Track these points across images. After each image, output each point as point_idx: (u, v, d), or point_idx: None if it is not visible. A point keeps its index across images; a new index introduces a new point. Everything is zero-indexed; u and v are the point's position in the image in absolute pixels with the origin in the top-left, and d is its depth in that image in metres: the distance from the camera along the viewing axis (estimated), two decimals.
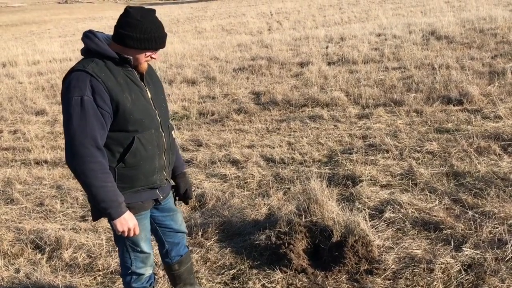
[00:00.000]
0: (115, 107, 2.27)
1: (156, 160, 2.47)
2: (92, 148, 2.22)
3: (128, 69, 2.37)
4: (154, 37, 2.30)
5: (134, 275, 2.66)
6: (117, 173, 2.37)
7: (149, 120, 2.40)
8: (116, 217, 2.31)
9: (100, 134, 2.25)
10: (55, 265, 3.82)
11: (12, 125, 8.48)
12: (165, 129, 2.52)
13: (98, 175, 2.23)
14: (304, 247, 3.56)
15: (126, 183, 2.40)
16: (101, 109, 2.24)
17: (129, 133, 2.34)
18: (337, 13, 21.74)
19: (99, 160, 2.24)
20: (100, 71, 2.25)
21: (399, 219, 3.82)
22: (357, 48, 10.40)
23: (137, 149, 2.37)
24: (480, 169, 4.41)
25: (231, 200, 4.56)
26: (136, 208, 2.47)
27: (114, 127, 2.32)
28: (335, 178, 4.72)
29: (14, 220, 4.69)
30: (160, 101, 2.53)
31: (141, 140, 2.37)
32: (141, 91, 2.40)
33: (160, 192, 2.58)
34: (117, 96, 2.26)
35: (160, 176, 2.53)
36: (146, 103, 2.40)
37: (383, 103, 6.84)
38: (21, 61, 15.88)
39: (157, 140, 2.45)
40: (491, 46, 8.97)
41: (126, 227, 2.35)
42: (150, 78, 2.53)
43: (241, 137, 6.40)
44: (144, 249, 2.60)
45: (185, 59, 12.16)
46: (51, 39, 24.97)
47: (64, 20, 40.55)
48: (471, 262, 3.19)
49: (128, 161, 2.36)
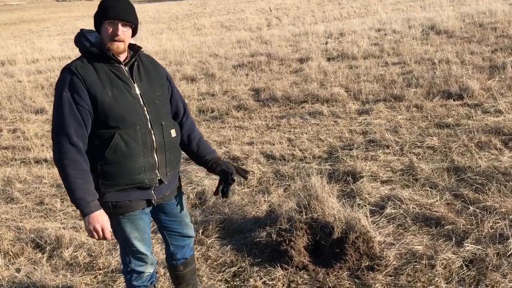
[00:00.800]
0: (93, 102, 2.27)
1: (141, 158, 2.37)
2: (65, 144, 2.25)
3: (114, 65, 2.36)
4: (106, 5, 2.29)
5: (134, 273, 2.65)
6: (100, 169, 2.34)
7: (133, 116, 2.34)
8: (84, 215, 2.29)
9: (76, 130, 2.25)
10: (56, 264, 3.81)
11: (12, 124, 8.47)
12: (156, 126, 2.42)
13: (69, 171, 2.24)
14: (305, 244, 3.55)
15: (109, 180, 2.36)
16: (78, 105, 2.25)
17: (111, 129, 2.31)
18: (336, 9, 21.68)
19: (71, 156, 2.25)
20: (82, 67, 2.29)
21: (400, 215, 3.81)
22: (356, 44, 10.37)
23: (118, 145, 2.31)
24: (481, 164, 4.39)
25: (231, 197, 4.54)
26: (123, 207, 2.42)
27: (96, 123, 2.31)
28: (336, 174, 4.71)
29: (14, 219, 4.68)
30: (154, 98, 2.44)
31: (122, 136, 2.32)
32: (127, 87, 2.36)
33: (155, 193, 2.50)
34: (95, 92, 2.26)
35: (150, 175, 2.43)
36: (131, 99, 2.35)
37: (383, 98, 6.82)
38: (20, 59, 15.85)
39: (143, 137, 2.37)
40: (491, 40, 8.94)
41: (91, 227, 2.30)
42: (146, 74, 2.47)
43: (241, 134, 6.38)
44: (139, 249, 2.56)
45: (184, 56, 12.13)
46: (50, 37, 24.93)
47: (62, 18, 40.48)
48: (472, 257, 3.18)
49: (108, 158, 2.32)
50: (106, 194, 2.38)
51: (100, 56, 2.33)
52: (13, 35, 28.67)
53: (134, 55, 2.42)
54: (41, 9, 52.43)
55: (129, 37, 2.38)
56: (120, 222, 2.47)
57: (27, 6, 58.92)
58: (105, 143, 2.31)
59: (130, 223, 2.48)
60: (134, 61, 2.43)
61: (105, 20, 2.30)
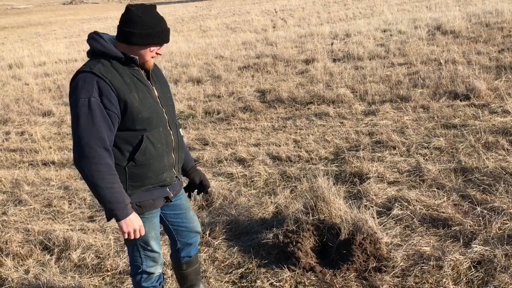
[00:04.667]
0: (123, 107, 2.29)
1: (165, 158, 2.49)
2: (99, 150, 2.23)
3: (134, 69, 2.38)
4: (156, 31, 2.31)
5: (145, 274, 2.67)
6: (128, 172, 2.38)
7: (157, 118, 2.42)
8: (122, 218, 2.31)
9: (108, 135, 2.26)
10: (64, 266, 3.84)
11: (19, 126, 8.53)
12: (172, 127, 2.54)
13: (105, 176, 2.24)
14: (312, 245, 3.55)
15: (137, 181, 2.42)
16: (108, 110, 2.25)
17: (138, 131, 2.36)
18: (341, 10, 21.65)
19: (106, 161, 2.25)
20: (107, 71, 2.27)
21: (407, 216, 3.80)
22: (362, 44, 10.36)
23: (147, 148, 2.38)
24: (488, 165, 4.37)
25: (238, 199, 4.55)
26: (147, 207, 2.49)
27: (122, 126, 2.33)
28: (342, 175, 4.71)
29: (22, 221, 4.71)
30: (167, 99, 2.54)
31: (150, 138, 2.39)
32: (148, 90, 2.42)
33: (170, 190, 2.60)
34: (125, 96, 2.28)
35: (170, 173, 2.55)
36: (153, 102, 2.42)
37: (389, 99, 6.80)
38: (27, 62, 15.95)
39: (165, 138, 2.47)
40: (498, 40, 8.89)
41: (131, 228, 2.35)
42: (156, 77, 2.55)
43: (247, 135, 6.39)
44: (154, 248, 2.61)
45: (190, 58, 12.17)
46: (57, 40, 25.07)
47: (69, 21, 40.70)
48: (480, 258, 3.17)
49: (138, 160, 2.38)
50: (132, 196, 2.42)
51: (124, 60, 2.34)
52: (21, 38, 28.85)
53: None
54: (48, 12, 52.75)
55: None
56: None
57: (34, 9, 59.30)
58: (134, 146, 2.37)
59: (149, 222, 2.54)
60: None
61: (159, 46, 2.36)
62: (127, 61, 2.34)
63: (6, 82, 12.75)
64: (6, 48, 21.97)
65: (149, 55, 2.36)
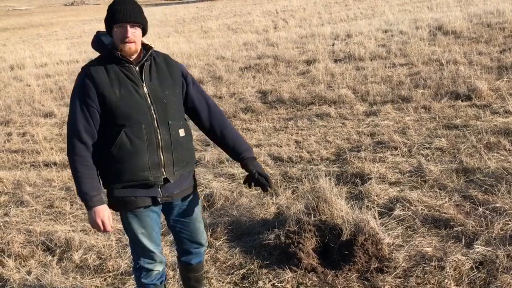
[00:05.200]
0: (101, 101, 2.37)
1: (145, 156, 2.41)
2: (75, 141, 2.39)
3: (125, 65, 2.43)
4: (115, 9, 2.36)
5: (143, 271, 2.68)
6: (104, 165, 2.45)
7: (140, 115, 2.40)
8: (88, 209, 2.43)
9: (85, 128, 2.37)
10: (66, 267, 3.84)
11: (21, 127, 8.54)
12: (163, 125, 2.45)
13: (77, 166, 2.39)
14: (314, 246, 3.55)
15: (115, 176, 2.45)
16: (88, 106, 2.37)
17: (118, 127, 2.40)
18: (343, 10, 21.65)
19: (80, 152, 2.39)
20: (95, 69, 2.40)
21: (409, 217, 3.80)
22: (363, 45, 10.36)
23: (122, 143, 2.39)
24: (490, 165, 4.37)
25: (239, 199, 4.55)
26: (129, 203, 2.49)
27: (104, 120, 2.41)
28: (344, 176, 4.70)
29: (24, 222, 4.72)
30: (162, 97, 2.46)
31: (127, 134, 2.39)
32: (135, 86, 2.42)
33: (162, 191, 2.52)
34: (103, 90, 2.36)
35: (155, 173, 2.45)
36: (139, 98, 2.41)
37: (390, 99, 6.80)
38: (28, 63, 15.97)
39: (148, 135, 2.41)
40: (499, 40, 8.89)
41: (93, 220, 2.42)
42: (158, 73, 2.49)
43: (249, 136, 6.39)
44: (147, 246, 2.60)
45: (192, 59, 12.18)
46: (58, 41, 25.11)
47: (70, 22, 40.76)
48: (482, 259, 3.16)
49: (113, 154, 2.40)
50: (114, 190, 2.48)
51: (111, 57, 2.41)
52: (22, 39, 28.90)
53: (146, 55, 2.47)
54: (50, 13, 52.82)
55: (140, 37, 2.44)
56: (127, 218, 2.55)
57: (35, 10, 59.38)
58: (110, 140, 2.40)
59: (138, 220, 2.55)
60: (145, 61, 2.47)
61: (114, 24, 2.37)
62: (115, 58, 2.41)
63: (8, 83, 12.77)
64: (7, 49, 22.01)
65: (118, 39, 2.39)
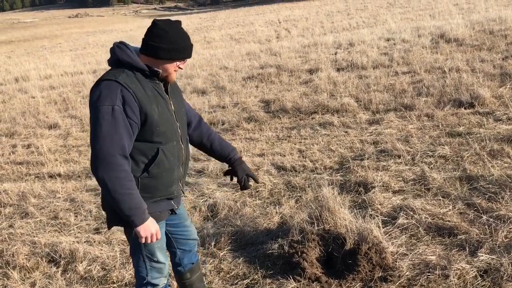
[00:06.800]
0: (144, 118, 2.34)
1: (175, 172, 2.54)
2: (119, 157, 2.28)
3: (155, 82, 2.44)
4: (182, 47, 2.37)
5: (149, 286, 2.68)
6: (140, 182, 2.43)
7: (172, 132, 2.48)
8: (139, 224, 2.35)
9: (128, 143, 2.32)
10: (70, 278, 3.84)
11: (26, 139, 8.59)
12: (184, 141, 2.60)
13: (124, 182, 2.28)
14: (317, 256, 3.54)
15: (148, 193, 2.46)
16: (130, 119, 2.30)
17: (154, 144, 2.42)
18: (345, 19, 21.75)
19: (125, 168, 2.30)
20: (131, 82, 2.33)
21: (413, 225, 3.79)
22: (366, 54, 10.39)
23: (161, 160, 2.44)
24: (494, 173, 4.36)
25: (243, 209, 4.56)
26: (154, 218, 2.50)
27: (139, 137, 2.38)
28: (347, 185, 4.70)
29: (29, 234, 4.73)
30: (181, 114, 2.60)
31: (164, 151, 2.44)
32: (166, 104, 2.47)
33: (175, 202, 2.65)
34: (146, 108, 2.33)
35: (177, 187, 2.60)
36: (170, 116, 2.48)
37: (393, 108, 6.81)
38: (33, 75, 16.11)
39: (177, 152, 2.53)
40: (502, 47, 8.90)
41: (149, 233, 2.40)
42: (174, 92, 2.60)
43: (252, 145, 6.41)
44: (160, 259, 2.64)
45: (195, 69, 12.25)
46: (62, 53, 25.33)
47: (74, 34, 41.10)
48: (487, 267, 3.15)
49: (152, 172, 2.43)
50: None
51: (147, 73, 2.38)
52: (27, 51, 29.16)
53: None
54: (54, 25, 53.28)
55: None
56: None
57: (40, 23, 59.92)
58: (150, 158, 2.42)
59: None
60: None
61: (183, 60, 2.42)
62: (150, 74, 2.40)
63: (13, 95, 12.87)
64: (12, 62, 22.21)
65: (172, 69, 2.43)
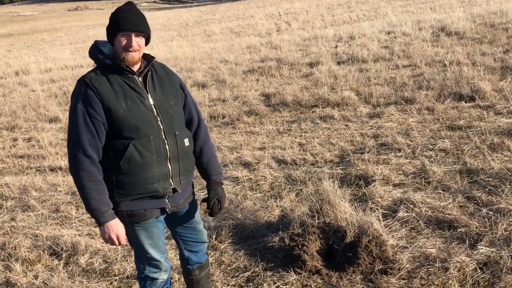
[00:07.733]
0: (108, 114, 2.32)
1: (155, 168, 2.42)
2: (80, 156, 2.31)
3: (128, 76, 2.40)
4: (118, 18, 2.34)
5: (149, 280, 2.69)
6: (114, 180, 2.39)
7: (147, 127, 2.39)
8: (100, 224, 2.38)
9: (90, 141, 2.31)
10: (72, 271, 3.87)
11: (26, 132, 8.60)
12: (170, 135, 2.46)
13: (83, 182, 2.32)
14: (318, 248, 3.56)
15: (123, 189, 2.41)
16: (92, 118, 2.30)
17: (126, 140, 2.36)
18: (345, 12, 21.68)
19: (86, 168, 2.31)
20: (96, 79, 2.33)
21: (413, 218, 3.81)
22: (366, 47, 10.36)
23: (132, 156, 2.36)
24: (494, 166, 4.37)
25: (243, 202, 4.58)
26: (138, 216, 2.48)
27: (111, 133, 2.36)
28: (348, 178, 4.71)
29: (31, 227, 4.76)
30: (167, 108, 2.48)
31: (136, 146, 2.36)
32: (140, 98, 2.40)
33: (169, 201, 2.54)
34: (109, 103, 2.31)
35: (164, 184, 2.47)
36: (145, 110, 2.40)
37: (394, 101, 6.81)
38: (33, 69, 16.07)
39: (157, 147, 2.41)
40: (503, 40, 8.87)
41: (107, 235, 2.39)
42: (160, 84, 2.50)
43: (252, 139, 6.41)
44: (154, 256, 2.60)
45: (195, 62, 12.22)
46: (62, 46, 25.26)
47: (74, 27, 40.98)
48: (486, 260, 3.17)
49: (123, 168, 2.37)
50: (121, 203, 2.43)
51: (113, 67, 2.37)
52: (27, 45, 29.08)
53: (148, 65, 2.46)
54: (54, 18, 53.10)
55: (143, 47, 2.43)
56: (135, 230, 2.52)
57: (40, 16, 59.70)
58: (119, 154, 2.36)
59: (145, 231, 2.53)
60: (148, 71, 2.46)
61: (118, 33, 2.34)
62: (117, 68, 2.37)
63: (13, 88, 12.86)
64: (12, 55, 22.16)
65: (121, 48, 2.35)
